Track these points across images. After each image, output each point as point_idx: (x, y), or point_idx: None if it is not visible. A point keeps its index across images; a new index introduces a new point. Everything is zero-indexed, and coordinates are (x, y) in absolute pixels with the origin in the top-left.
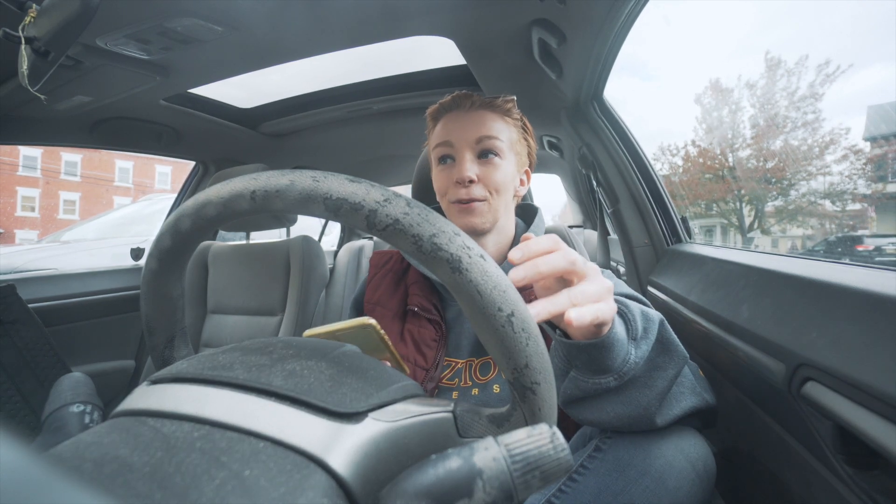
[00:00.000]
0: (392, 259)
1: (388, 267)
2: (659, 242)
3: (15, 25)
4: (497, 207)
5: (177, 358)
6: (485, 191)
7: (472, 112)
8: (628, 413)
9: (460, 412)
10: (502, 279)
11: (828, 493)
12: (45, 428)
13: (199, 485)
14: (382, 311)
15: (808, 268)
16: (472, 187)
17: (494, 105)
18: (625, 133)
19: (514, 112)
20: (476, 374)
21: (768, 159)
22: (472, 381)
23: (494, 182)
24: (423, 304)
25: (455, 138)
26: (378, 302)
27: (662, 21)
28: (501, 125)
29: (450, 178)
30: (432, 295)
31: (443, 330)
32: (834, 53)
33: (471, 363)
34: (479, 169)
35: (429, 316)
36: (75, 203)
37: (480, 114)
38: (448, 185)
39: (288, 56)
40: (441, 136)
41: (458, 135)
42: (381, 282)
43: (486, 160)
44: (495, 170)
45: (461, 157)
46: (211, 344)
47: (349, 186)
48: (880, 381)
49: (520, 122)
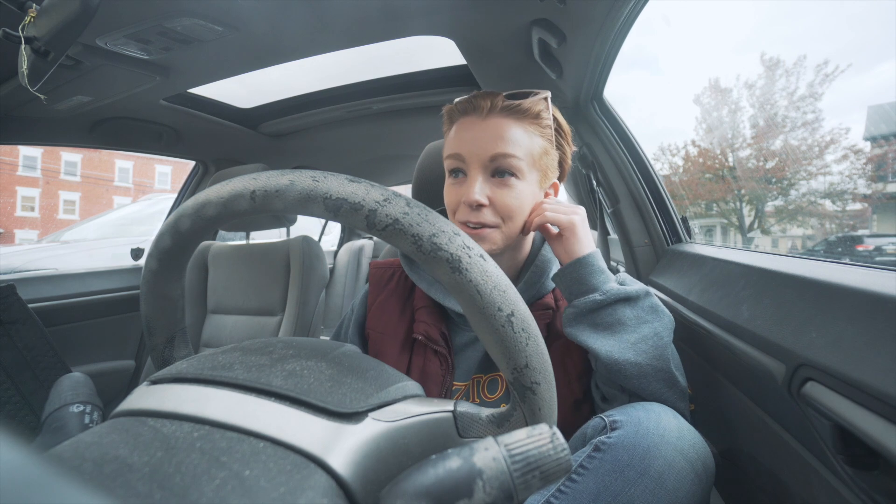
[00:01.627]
0: (395, 277)
1: (392, 287)
2: (659, 242)
3: (15, 25)
4: (510, 233)
5: (177, 358)
6: (496, 217)
7: (489, 120)
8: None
9: (460, 412)
10: (502, 279)
11: (828, 493)
12: (45, 428)
13: (199, 485)
14: (390, 341)
15: (808, 268)
16: (482, 211)
17: (520, 111)
18: (625, 133)
19: (545, 116)
20: (484, 392)
21: (769, 159)
22: (479, 399)
23: (506, 208)
24: (431, 332)
25: (467, 152)
26: (384, 331)
27: (664, 21)
28: (523, 136)
29: (459, 196)
30: (440, 322)
31: (449, 363)
32: (836, 51)
33: (478, 380)
34: (492, 190)
35: (435, 347)
36: (75, 203)
37: (499, 123)
38: (457, 202)
39: (288, 56)
40: (452, 147)
41: (470, 148)
42: (385, 306)
43: (500, 180)
44: (509, 192)
45: (471, 176)
46: (211, 344)
47: (349, 186)
48: (880, 381)
49: (552, 126)
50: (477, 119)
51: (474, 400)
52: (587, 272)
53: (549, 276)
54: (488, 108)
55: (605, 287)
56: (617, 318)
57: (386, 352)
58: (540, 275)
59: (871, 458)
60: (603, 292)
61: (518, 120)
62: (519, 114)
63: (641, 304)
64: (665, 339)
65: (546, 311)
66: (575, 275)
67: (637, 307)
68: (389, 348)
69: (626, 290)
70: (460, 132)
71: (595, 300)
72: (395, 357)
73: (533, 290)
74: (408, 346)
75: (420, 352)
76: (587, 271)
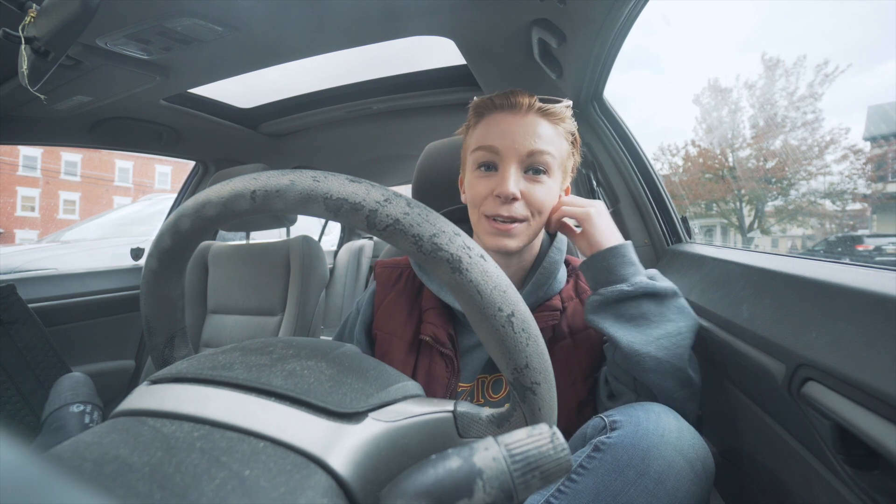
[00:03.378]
0: (403, 277)
1: (400, 287)
2: (659, 242)
3: (15, 25)
4: (537, 229)
5: (177, 358)
6: (527, 210)
7: (528, 117)
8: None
9: (460, 412)
10: (503, 279)
11: (828, 493)
12: (45, 428)
13: (199, 485)
14: (397, 342)
15: (808, 268)
16: (514, 205)
17: (552, 113)
18: (625, 133)
19: (570, 122)
20: (488, 392)
21: (768, 159)
22: (484, 399)
23: (539, 202)
24: (438, 334)
25: (503, 146)
26: (392, 332)
27: (663, 21)
28: (555, 137)
29: (488, 188)
30: (448, 323)
31: (455, 365)
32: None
33: (483, 380)
34: (524, 185)
35: (442, 349)
36: (75, 203)
37: (536, 121)
38: (485, 195)
39: (288, 56)
40: (486, 139)
41: (506, 142)
42: (393, 306)
43: (533, 176)
44: (541, 188)
45: (506, 168)
46: (211, 344)
47: (349, 186)
48: (880, 381)
49: (572, 133)
50: (514, 115)
51: (478, 400)
52: (617, 262)
53: (556, 277)
54: (527, 107)
55: (634, 279)
56: (642, 311)
57: (393, 352)
58: (548, 276)
59: (871, 458)
60: (631, 283)
61: (551, 122)
62: (552, 116)
63: (669, 302)
64: (688, 340)
65: (553, 313)
66: (604, 263)
67: (664, 305)
68: (396, 349)
69: (654, 285)
70: (494, 126)
71: (622, 290)
72: (402, 358)
73: (541, 291)
74: (415, 347)
75: (427, 353)
76: (617, 261)
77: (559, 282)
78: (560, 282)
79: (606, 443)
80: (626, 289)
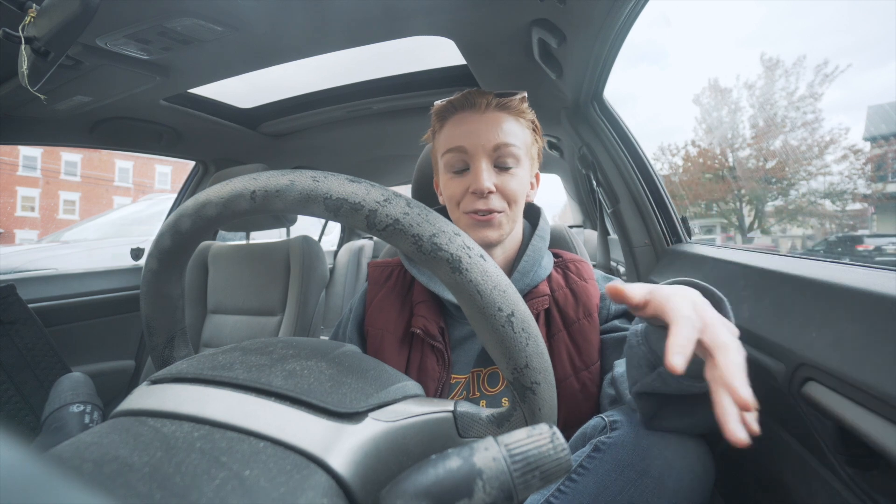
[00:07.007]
0: (394, 274)
1: (391, 284)
2: (659, 242)
3: (15, 25)
4: (514, 218)
5: (177, 358)
6: (502, 201)
7: (487, 114)
8: (699, 424)
9: (460, 412)
10: (502, 279)
11: (828, 493)
12: (45, 428)
13: (199, 485)
14: (389, 337)
15: (808, 268)
16: (489, 198)
17: (510, 107)
18: (625, 133)
19: (528, 112)
20: (484, 385)
21: (768, 159)
22: (479, 393)
23: (512, 192)
24: (428, 327)
25: (470, 144)
26: (383, 327)
27: (664, 21)
28: (517, 128)
29: (463, 187)
30: (439, 317)
31: (446, 359)
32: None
33: (478, 373)
34: (497, 178)
35: (432, 342)
36: (75, 203)
37: (496, 116)
38: (462, 194)
39: (288, 56)
40: (453, 141)
41: (473, 140)
42: (385, 303)
43: (503, 169)
44: (512, 179)
45: (477, 166)
46: (211, 344)
47: (349, 186)
48: (880, 381)
49: (532, 121)
50: (475, 113)
51: (474, 393)
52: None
53: (541, 264)
54: (486, 104)
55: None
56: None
57: (385, 348)
58: (532, 263)
59: (871, 458)
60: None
61: (511, 114)
62: (510, 109)
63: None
64: None
65: (543, 298)
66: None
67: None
68: (388, 344)
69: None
70: (458, 126)
71: (697, 389)
72: (394, 353)
73: (527, 278)
74: (406, 342)
75: (418, 348)
76: None
77: (544, 268)
78: (545, 268)
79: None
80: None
